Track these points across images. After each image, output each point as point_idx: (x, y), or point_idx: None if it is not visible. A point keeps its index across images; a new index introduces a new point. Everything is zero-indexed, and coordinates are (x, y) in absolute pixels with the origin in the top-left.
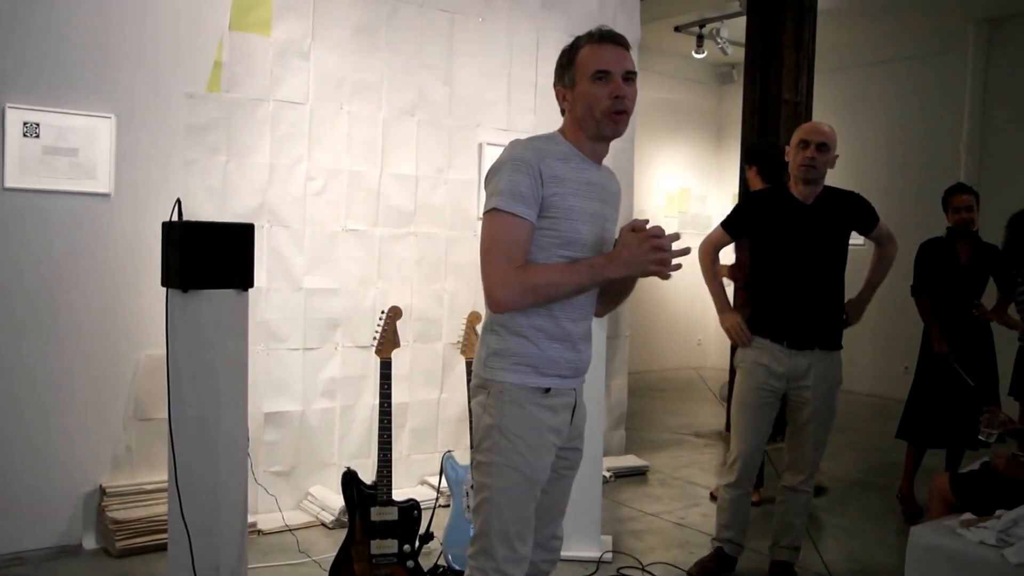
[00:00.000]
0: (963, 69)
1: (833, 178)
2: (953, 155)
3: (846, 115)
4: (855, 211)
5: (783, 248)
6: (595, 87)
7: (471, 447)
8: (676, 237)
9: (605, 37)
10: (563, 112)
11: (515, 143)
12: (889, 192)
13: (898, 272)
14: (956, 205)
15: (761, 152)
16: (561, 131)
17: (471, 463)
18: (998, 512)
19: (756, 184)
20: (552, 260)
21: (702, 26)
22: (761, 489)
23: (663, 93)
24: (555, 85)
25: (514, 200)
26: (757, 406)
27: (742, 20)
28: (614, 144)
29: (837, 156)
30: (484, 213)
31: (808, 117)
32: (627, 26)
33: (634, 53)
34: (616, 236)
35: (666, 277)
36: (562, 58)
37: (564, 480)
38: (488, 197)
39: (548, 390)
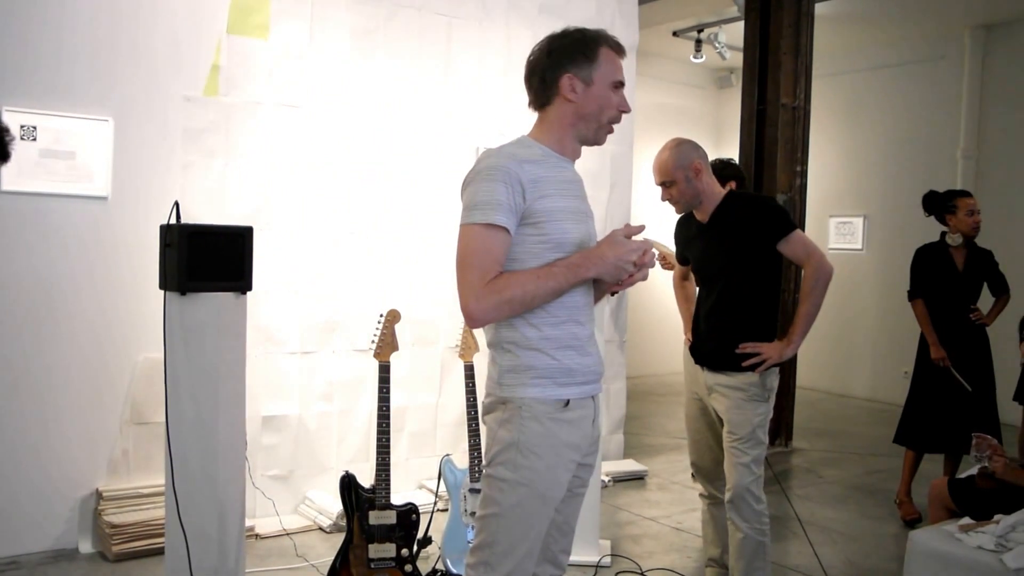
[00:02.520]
0: (959, 75)
1: (831, 181)
2: (950, 161)
3: (843, 120)
4: (753, 218)
5: (695, 272)
6: (612, 95)
7: (470, 454)
8: (642, 229)
9: (621, 48)
10: (544, 104)
11: (488, 153)
12: (885, 197)
13: (897, 278)
14: (969, 208)
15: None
16: (532, 134)
17: (482, 474)
18: (996, 517)
19: None
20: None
21: (700, 31)
22: None
23: (661, 98)
24: (564, 72)
25: (490, 210)
26: (691, 416)
27: (740, 25)
28: (613, 148)
29: (691, 173)
30: (460, 226)
31: (806, 122)
32: (625, 30)
33: (632, 57)
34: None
35: (629, 284)
36: (580, 47)
37: (577, 498)
38: (464, 210)
39: (568, 403)
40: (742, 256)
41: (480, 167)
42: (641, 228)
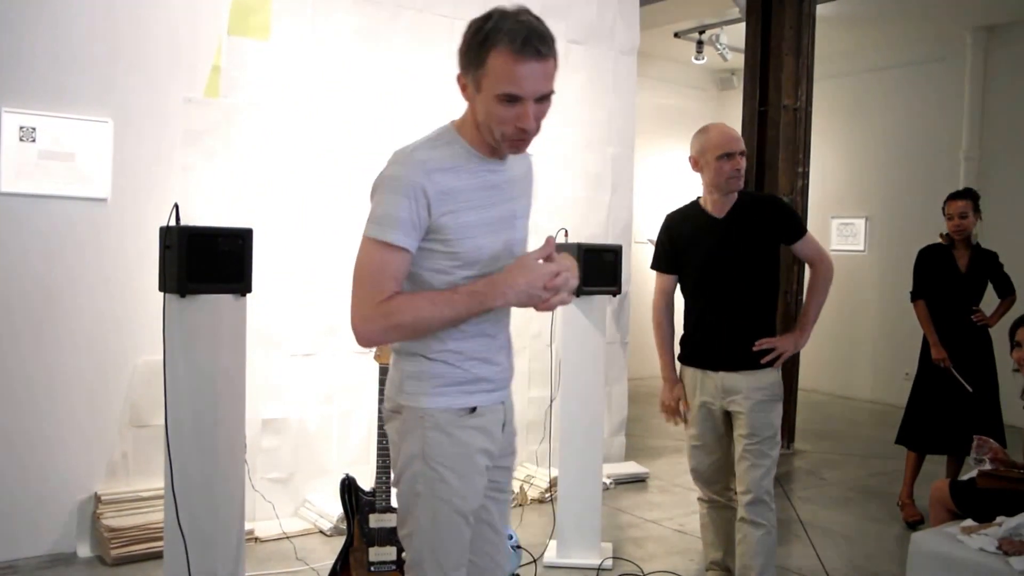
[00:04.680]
0: (961, 76)
1: (833, 182)
2: (952, 162)
3: (845, 122)
4: (773, 218)
5: (698, 270)
6: (501, 108)
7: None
8: (551, 248)
9: (527, 48)
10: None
11: (399, 156)
12: (888, 199)
13: (899, 279)
14: (949, 212)
15: None
16: (458, 124)
17: (395, 492)
18: (999, 519)
19: None
20: (456, 283)
21: (702, 32)
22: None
23: (663, 99)
24: (460, 70)
25: (388, 227)
26: (695, 423)
27: (742, 26)
28: (614, 150)
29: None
30: (363, 236)
31: (808, 123)
32: (627, 32)
33: (633, 59)
34: (523, 240)
35: (547, 309)
36: (471, 42)
37: (501, 503)
38: (367, 221)
39: (474, 409)
40: (759, 255)
41: (387, 174)
42: (551, 247)
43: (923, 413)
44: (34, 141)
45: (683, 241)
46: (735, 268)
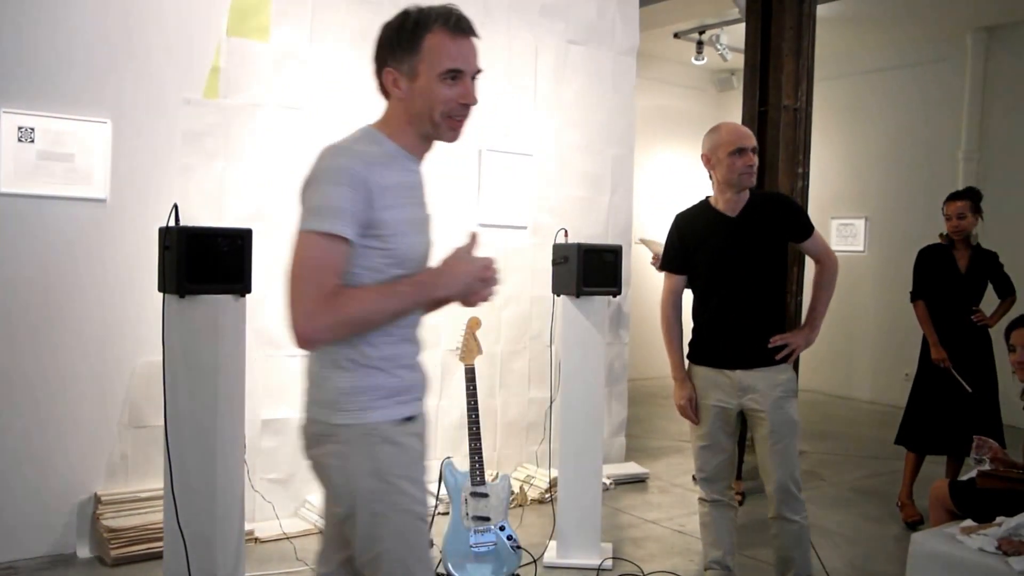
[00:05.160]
0: (961, 77)
1: (833, 182)
2: (951, 163)
3: (845, 122)
4: (784, 216)
5: (711, 269)
6: (443, 87)
7: (471, 457)
8: (476, 239)
9: (461, 27)
10: (385, 97)
11: (334, 150)
12: (888, 199)
13: (898, 280)
14: (948, 212)
15: None
16: (380, 125)
17: (343, 522)
18: (998, 519)
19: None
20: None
21: (701, 32)
22: (740, 482)
23: (662, 100)
24: (385, 66)
25: (333, 217)
26: (706, 422)
27: (741, 26)
28: (614, 151)
29: None
30: (297, 231)
31: (808, 124)
32: (626, 32)
33: (633, 60)
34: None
35: (477, 303)
36: (402, 33)
37: None
38: (303, 214)
39: (411, 418)
40: (772, 253)
41: (325, 166)
42: (477, 242)
43: (923, 413)
44: (33, 142)
45: (695, 240)
46: (749, 266)
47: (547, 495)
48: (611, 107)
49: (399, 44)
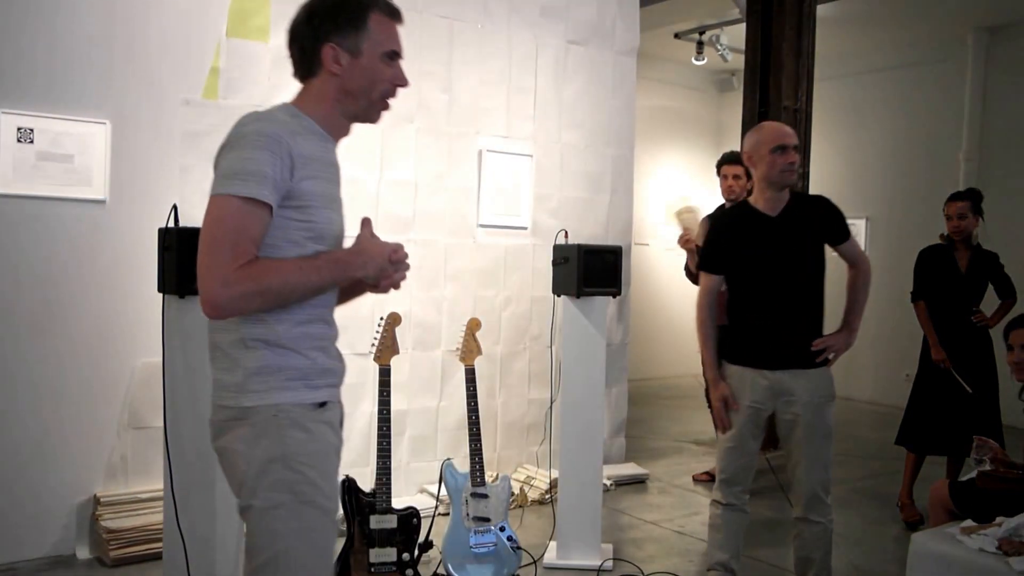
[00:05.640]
0: (962, 77)
1: (833, 183)
2: (952, 163)
3: (845, 123)
4: (825, 218)
5: (753, 269)
6: (384, 67)
7: (471, 457)
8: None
9: (395, 12)
10: (306, 75)
11: (255, 115)
12: (888, 200)
13: (899, 280)
14: (949, 212)
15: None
16: (297, 102)
17: (242, 512)
18: (998, 519)
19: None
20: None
21: (702, 33)
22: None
23: (663, 100)
24: (326, 41)
25: (254, 182)
26: (737, 422)
27: (742, 27)
28: (614, 151)
29: None
30: (211, 196)
31: (808, 124)
32: (627, 33)
33: (633, 60)
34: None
35: (386, 290)
36: (345, 12)
37: None
38: (218, 178)
39: (324, 404)
40: (813, 253)
41: (246, 130)
42: (370, 226)
43: (923, 414)
44: (32, 142)
45: (734, 240)
46: (792, 266)
47: (547, 496)
48: (611, 107)
49: (344, 20)
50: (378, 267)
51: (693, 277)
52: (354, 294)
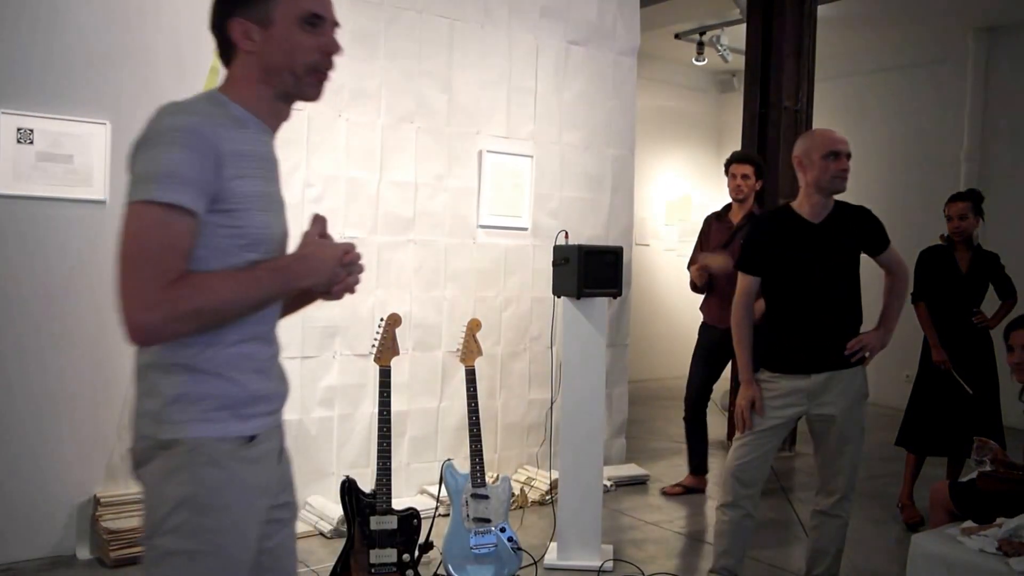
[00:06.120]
0: (963, 78)
1: None
2: (953, 164)
3: (846, 123)
4: (866, 229)
5: (793, 274)
6: (303, 35)
7: (472, 458)
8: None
9: None
10: (229, 59)
11: (173, 107)
12: (889, 201)
13: None
14: (949, 213)
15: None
16: (224, 89)
17: (144, 548)
18: (999, 520)
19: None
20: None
21: (702, 33)
22: (707, 475)
23: (663, 101)
24: (230, 17)
25: (175, 185)
26: (765, 424)
27: (742, 27)
28: (614, 151)
29: None
30: (128, 204)
31: (808, 125)
32: (627, 33)
33: (634, 60)
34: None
35: (340, 296)
36: None
37: (287, 539)
38: (134, 182)
39: (253, 437)
40: (853, 261)
41: (162, 126)
42: (323, 224)
43: (923, 415)
44: (32, 143)
45: (776, 245)
46: (833, 273)
47: (548, 497)
48: (612, 108)
49: None
50: (328, 273)
51: (697, 289)
52: (303, 303)
